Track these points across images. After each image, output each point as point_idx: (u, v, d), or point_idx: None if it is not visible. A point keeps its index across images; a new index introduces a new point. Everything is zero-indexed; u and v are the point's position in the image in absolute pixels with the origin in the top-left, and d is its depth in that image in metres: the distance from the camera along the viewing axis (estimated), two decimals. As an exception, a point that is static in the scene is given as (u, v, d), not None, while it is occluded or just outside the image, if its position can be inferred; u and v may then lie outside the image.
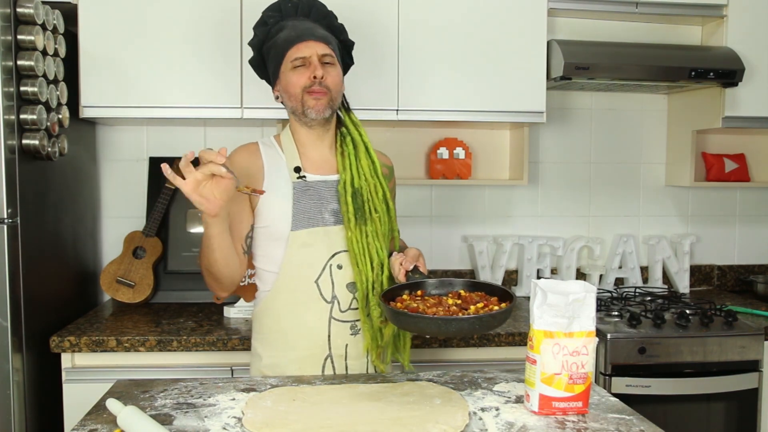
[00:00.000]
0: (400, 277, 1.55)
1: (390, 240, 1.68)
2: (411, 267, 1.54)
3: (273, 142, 1.70)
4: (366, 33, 2.27)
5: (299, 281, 1.59)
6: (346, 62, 1.77)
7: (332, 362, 1.61)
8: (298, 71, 1.60)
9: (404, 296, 1.48)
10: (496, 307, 1.37)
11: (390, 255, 1.62)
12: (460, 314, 1.35)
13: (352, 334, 1.62)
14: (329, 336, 1.60)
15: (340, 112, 1.71)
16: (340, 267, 1.60)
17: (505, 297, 1.43)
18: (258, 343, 1.68)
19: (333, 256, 1.60)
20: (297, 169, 1.63)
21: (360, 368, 1.64)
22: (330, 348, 1.61)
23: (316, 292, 1.59)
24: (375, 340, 1.61)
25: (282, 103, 1.68)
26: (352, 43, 1.76)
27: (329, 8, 1.72)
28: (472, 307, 1.37)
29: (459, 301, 1.42)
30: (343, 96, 1.70)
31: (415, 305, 1.40)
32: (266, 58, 1.69)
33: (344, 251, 1.61)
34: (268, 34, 1.67)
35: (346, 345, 1.62)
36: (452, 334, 1.64)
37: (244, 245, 1.63)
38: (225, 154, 1.35)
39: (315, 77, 1.58)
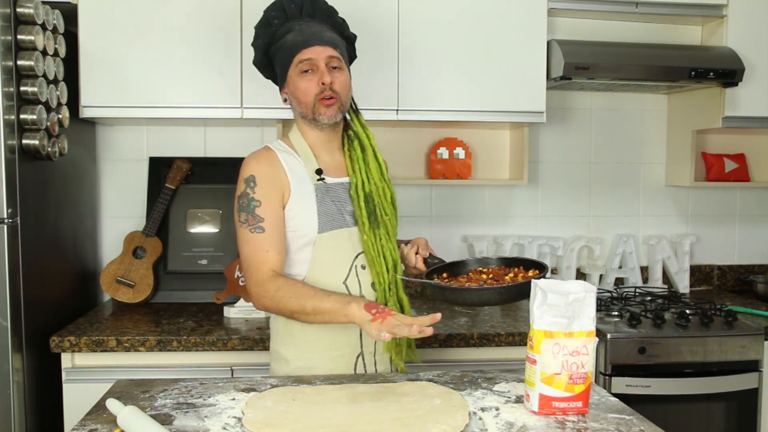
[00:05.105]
0: (419, 265, 1.69)
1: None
2: (427, 254, 1.70)
3: (285, 147, 1.68)
4: (366, 33, 2.27)
5: (328, 283, 1.60)
6: (351, 56, 1.77)
7: (363, 360, 1.64)
8: (306, 77, 1.60)
9: (444, 275, 1.63)
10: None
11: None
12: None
13: None
14: (361, 334, 1.63)
15: (348, 114, 1.71)
16: (363, 267, 1.64)
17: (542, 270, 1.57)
18: (283, 348, 1.66)
19: (357, 256, 1.63)
20: (318, 171, 1.64)
21: (385, 365, 1.68)
22: (362, 346, 1.64)
23: (345, 293, 1.61)
24: (394, 339, 1.62)
25: (290, 105, 1.68)
26: (355, 37, 1.76)
27: (329, 5, 1.71)
28: (507, 277, 1.54)
29: (492, 276, 1.60)
30: (351, 98, 1.70)
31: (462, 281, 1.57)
32: (273, 60, 1.68)
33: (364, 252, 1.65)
34: (273, 36, 1.66)
35: (375, 342, 1.65)
36: (483, 303, 1.72)
37: None
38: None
39: (324, 83, 1.59)
